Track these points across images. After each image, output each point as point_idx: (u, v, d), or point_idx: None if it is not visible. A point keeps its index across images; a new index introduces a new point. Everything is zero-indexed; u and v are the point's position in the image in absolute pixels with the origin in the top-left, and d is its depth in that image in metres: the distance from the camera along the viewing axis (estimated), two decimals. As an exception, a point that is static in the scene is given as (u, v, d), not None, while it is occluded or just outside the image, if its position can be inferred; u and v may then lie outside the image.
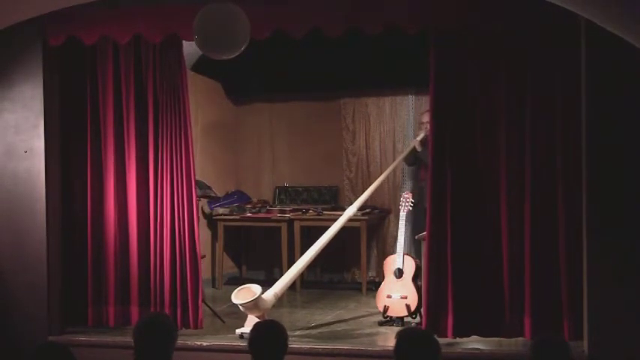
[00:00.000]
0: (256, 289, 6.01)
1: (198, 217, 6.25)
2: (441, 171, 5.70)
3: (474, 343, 5.71)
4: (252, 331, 3.90)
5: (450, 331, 5.65)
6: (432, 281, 5.70)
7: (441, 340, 4.42)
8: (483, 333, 5.70)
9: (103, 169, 6.30)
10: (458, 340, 5.69)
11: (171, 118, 6.18)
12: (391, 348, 5.22)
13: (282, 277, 6.52)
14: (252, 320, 5.87)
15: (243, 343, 5.47)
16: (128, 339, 3.93)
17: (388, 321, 6.51)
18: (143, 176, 6.27)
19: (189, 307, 6.10)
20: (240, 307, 5.99)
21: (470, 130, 5.69)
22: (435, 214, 5.70)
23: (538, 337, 3.72)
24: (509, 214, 5.62)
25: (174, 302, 6.14)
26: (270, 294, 6.20)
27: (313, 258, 6.63)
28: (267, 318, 5.65)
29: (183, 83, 6.18)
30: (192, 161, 6.21)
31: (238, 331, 5.99)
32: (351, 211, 6.91)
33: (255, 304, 5.94)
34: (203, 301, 6.84)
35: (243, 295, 5.99)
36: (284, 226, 8.27)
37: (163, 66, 6.20)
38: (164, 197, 6.20)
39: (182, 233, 6.15)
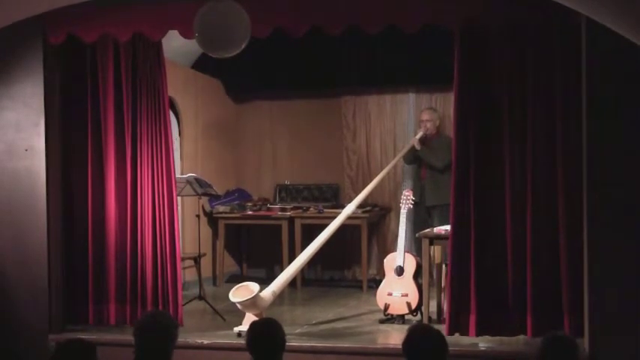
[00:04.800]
0: (254, 287, 6.00)
1: (178, 216, 6.27)
2: (465, 171, 5.69)
3: (475, 341, 5.70)
4: (248, 330, 3.89)
5: (472, 330, 5.65)
6: (455, 280, 5.70)
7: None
8: (491, 332, 5.71)
9: (104, 168, 6.30)
10: (458, 338, 5.69)
11: (152, 117, 6.21)
12: (392, 346, 5.23)
13: (280, 275, 6.51)
14: (250, 318, 5.85)
15: (243, 341, 5.47)
16: (128, 337, 3.93)
17: (389, 319, 6.50)
18: (134, 175, 6.28)
19: (170, 305, 6.12)
20: (238, 305, 5.98)
21: (492, 129, 5.69)
22: (458, 212, 5.70)
23: (548, 335, 3.72)
24: (513, 213, 5.63)
25: (155, 300, 6.17)
26: (268, 292, 6.19)
27: (311, 256, 6.63)
28: (265, 316, 5.66)
29: (163, 82, 6.21)
30: (172, 161, 6.23)
31: (236, 329, 5.99)
32: (349, 209, 6.90)
33: (252, 303, 5.94)
34: (204, 299, 6.89)
35: (240, 293, 5.98)
36: (285, 224, 8.28)
37: (145, 64, 6.22)
38: (145, 196, 6.23)
39: (163, 233, 6.19)
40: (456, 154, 5.73)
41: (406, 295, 6.43)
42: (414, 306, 6.41)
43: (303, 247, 7.10)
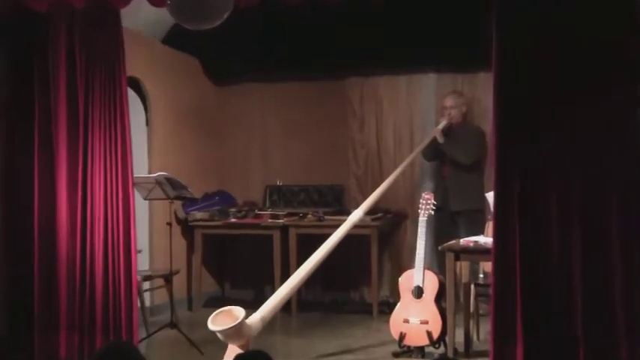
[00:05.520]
0: (239, 312, 5.96)
1: (135, 227, 6.29)
2: (508, 173, 5.67)
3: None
4: (232, 365, 3.84)
5: None
6: (499, 304, 5.68)
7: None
8: None
9: (54, 163, 6.31)
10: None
11: (106, 103, 6.26)
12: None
13: (271, 298, 6.48)
14: (233, 351, 5.82)
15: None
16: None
17: (405, 352, 6.50)
18: (85, 173, 6.30)
19: (123, 335, 6.12)
20: (219, 334, 5.94)
21: (538, 122, 5.65)
22: (501, 220, 5.68)
23: None
24: (559, 220, 5.60)
25: (106, 329, 6.18)
26: (256, 318, 6.15)
27: (310, 274, 6.59)
28: (253, 348, 5.62)
29: (121, 60, 6.28)
30: (130, 156, 6.26)
31: (217, 364, 5.96)
32: (356, 215, 6.91)
33: (236, 331, 5.89)
34: (176, 326, 6.83)
35: (222, 319, 5.94)
36: (276, 234, 8.29)
37: (101, 38, 6.27)
38: (96, 199, 6.26)
39: (116, 245, 6.21)
40: (497, 152, 5.68)
41: (426, 323, 6.42)
42: (435, 336, 6.40)
43: (300, 262, 7.07)
